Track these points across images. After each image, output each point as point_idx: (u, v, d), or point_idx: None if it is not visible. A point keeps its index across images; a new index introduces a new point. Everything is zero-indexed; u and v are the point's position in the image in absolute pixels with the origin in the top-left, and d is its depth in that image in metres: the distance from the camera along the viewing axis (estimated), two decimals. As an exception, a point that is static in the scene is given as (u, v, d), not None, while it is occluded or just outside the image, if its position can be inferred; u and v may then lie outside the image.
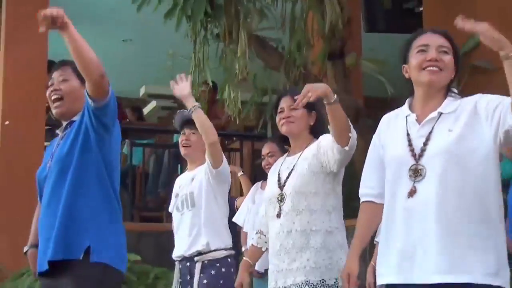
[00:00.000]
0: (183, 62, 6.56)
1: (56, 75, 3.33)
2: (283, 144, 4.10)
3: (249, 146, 8.39)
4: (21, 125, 7.09)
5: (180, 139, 4.55)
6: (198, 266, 4.31)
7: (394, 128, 2.97)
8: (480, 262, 2.68)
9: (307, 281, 3.41)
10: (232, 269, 4.37)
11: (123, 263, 3.21)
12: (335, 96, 3.23)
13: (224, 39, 5.88)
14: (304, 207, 3.49)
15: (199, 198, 4.37)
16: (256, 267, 4.92)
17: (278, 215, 3.53)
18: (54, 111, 3.33)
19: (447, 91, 2.91)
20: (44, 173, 3.28)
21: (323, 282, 3.41)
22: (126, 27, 9.18)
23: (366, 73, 7.17)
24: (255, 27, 5.96)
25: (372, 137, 3.15)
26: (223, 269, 4.34)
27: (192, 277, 4.33)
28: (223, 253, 4.36)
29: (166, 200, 7.91)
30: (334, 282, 3.42)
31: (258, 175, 6.48)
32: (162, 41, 8.15)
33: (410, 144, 2.85)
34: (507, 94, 2.77)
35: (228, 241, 4.43)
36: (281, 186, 3.60)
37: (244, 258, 3.94)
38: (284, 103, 3.62)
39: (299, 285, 3.42)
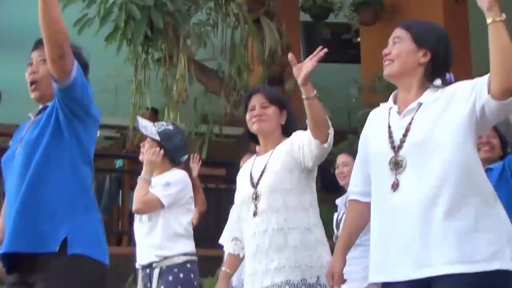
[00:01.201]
0: (125, 86, 6.59)
1: (35, 56, 3.02)
2: (252, 143, 3.92)
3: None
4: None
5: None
6: (156, 273, 4.23)
7: (378, 121, 2.92)
8: (480, 246, 2.55)
9: (287, 281, 3.23)
10: (192, 275, 4.29)
11: (105, 254, 2.89)
12: (315, 91, 3.10)
13: (164, 63, 5.90)
14: (280, 205, 3.34)
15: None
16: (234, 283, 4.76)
17: (255, 214, 3.36)
18: (31, 95, 3.00)
19: (427, 80, 2.82)
20: (11, 158, 2.95)
21: (304, 281, 3.24)
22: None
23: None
24: (194, 52, 6.01)
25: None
26: (181, 275, 4.23)
27: (151, 285, 4.24)
28: (181, 259, 4.26)
29: (110, 224, 7.90)
30: (316, 281, 3.25)
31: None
32: (103, 66, 8.13)
33: (390, 136, 2.80)
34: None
35: (188, 248, 4.35)
36: (254, 185, 3.44)
37: (222, 268, 3.76)
38: (256, 100, 3.48)
39: (279, 285, 3.24)
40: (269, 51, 6.35)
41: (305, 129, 3.25)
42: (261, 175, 3.42)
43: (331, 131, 3.21)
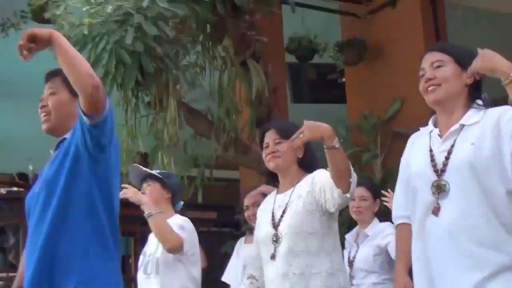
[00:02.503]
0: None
1: (46, 88, 2.99)
2: (273, 181, 3.82)
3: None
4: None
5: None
6: None
7: (418, 146, 2.87)
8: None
9: None
10: None
11: None
12: (336, 139, 3.01)
13: (154, 106, 5.93)
14: (302, 249, 3.20)
15: (165, 264, 4.24)
16: None
17: (273, 257, 3.24)
18: (42, 127, 2.98)
19: (470, 101, 2.78)
20: (34, 197, 2.90)
21: None
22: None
23: (293, 139, 7.34)
24: (183, 95, 6.06)
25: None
26: None
27: None
28: None
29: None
30: None
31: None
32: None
33: (432, 160, 2.74)
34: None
35: None
36: (275, 226, 3.31)
37: None
38: (269, 137, 3.42)
39: None
40: (256, 93, 6.37)
41: (325, 161, 3.16)
42: (281, 216, 3.31)
43: (354, 179, 3.10)
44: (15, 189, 9.16)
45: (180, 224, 4.23)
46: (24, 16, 7.94)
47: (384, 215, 4.43)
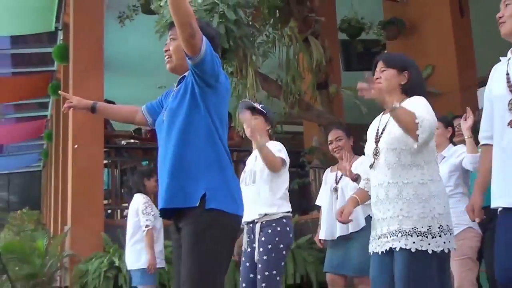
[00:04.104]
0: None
1: (168, 35, 2.88)
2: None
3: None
4: (86, 148, 7.15)
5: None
6: (258, 227, 4.04)
7: (498, 72, 2.70)
8: None
9: (400, 229, 2.88)
10: (287, 228, 4.06)
11: (238, 207, 2.72)
12: (395, 103, 2.76)
13: (236, 75, 5.85)
14: (395, 162, 2.95)
15: (260, 175, 4.13)
16: (323, 236, 4.62)
17: (372, 167, 3.03)
18: (166, 67, 2.88)
19: None
20: (160, 123, 2.82)
21: (415, 229, 2.85)
22: (160, 75, 9.17)
23: (346, 99, 7.25)
24: (259, 66, 5.96)
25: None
26: (278, 228, 4.01)
27: (255, 236, 4.05)
28: (279, 215, 4.04)
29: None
30: (428, 229, 2.86)
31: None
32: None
33: (508, 81, 2.58)
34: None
35: (283, 208, 4.10)
36: (376, 141, 3.06)
37: (352, 195, 3.37)
38: (377, 67, 3.08)
39: (393, 233, 2.90)
40: (316, 63, 6.26)
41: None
42: (381, 133, 3.05)
43: (422, 132, 2.80)
44: (132, 141, 9.33)
45: (278, 148, 4.15)
46: (135, 9, 7.97)
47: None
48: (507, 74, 2.61)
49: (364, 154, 3.26)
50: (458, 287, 4.16)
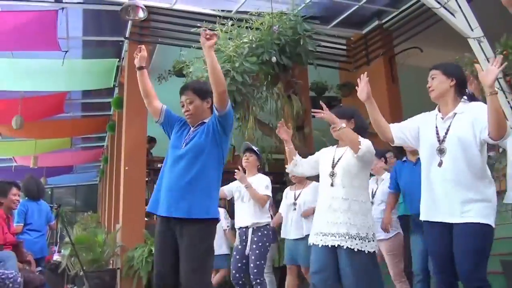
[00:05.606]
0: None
1: (183, 99, 2.72)
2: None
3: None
4: (133, 169, 7.01)
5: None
6: (250, 231, 4.07)
7: (429, 121, 2.59)
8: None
9: (347, 233, 2.79)
10: (270, 232, 4.12)
11: (215, 214, 2.64)
12: (342, 124, 2.71)
13: (241, 120, 5.83)
14: (349, 183, 2.86)
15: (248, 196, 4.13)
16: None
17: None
18: (187, 121, 2.76)
19: (459, 96, 2.53)
20: (179, 149, 2.65)
21: (358, 234, 2.79)
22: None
23: (315, 137, 7.20)
24: (257, 114, 5.94)
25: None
26: (265, 232, 4.07)
27: (247, 237, 4.07)
28: (264, 223, 4.09)
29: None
30: (366, 235, 2.79)
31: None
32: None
33: (437, 133, 2.53)
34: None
35: (267, 218, 4.14)
36: (333, 166, 2.92)
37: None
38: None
39: (341, 235, 2.79)
40: (295, 112, 6.25)
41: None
42: (338, 160, 2.94)
43: (362, 146, 2.76)
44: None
45: (266, 185, 4.11)
46: (170, 72, 7.92)
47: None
48: (436, 127, 2.55)
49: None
50: (393, 274, 4.10)
